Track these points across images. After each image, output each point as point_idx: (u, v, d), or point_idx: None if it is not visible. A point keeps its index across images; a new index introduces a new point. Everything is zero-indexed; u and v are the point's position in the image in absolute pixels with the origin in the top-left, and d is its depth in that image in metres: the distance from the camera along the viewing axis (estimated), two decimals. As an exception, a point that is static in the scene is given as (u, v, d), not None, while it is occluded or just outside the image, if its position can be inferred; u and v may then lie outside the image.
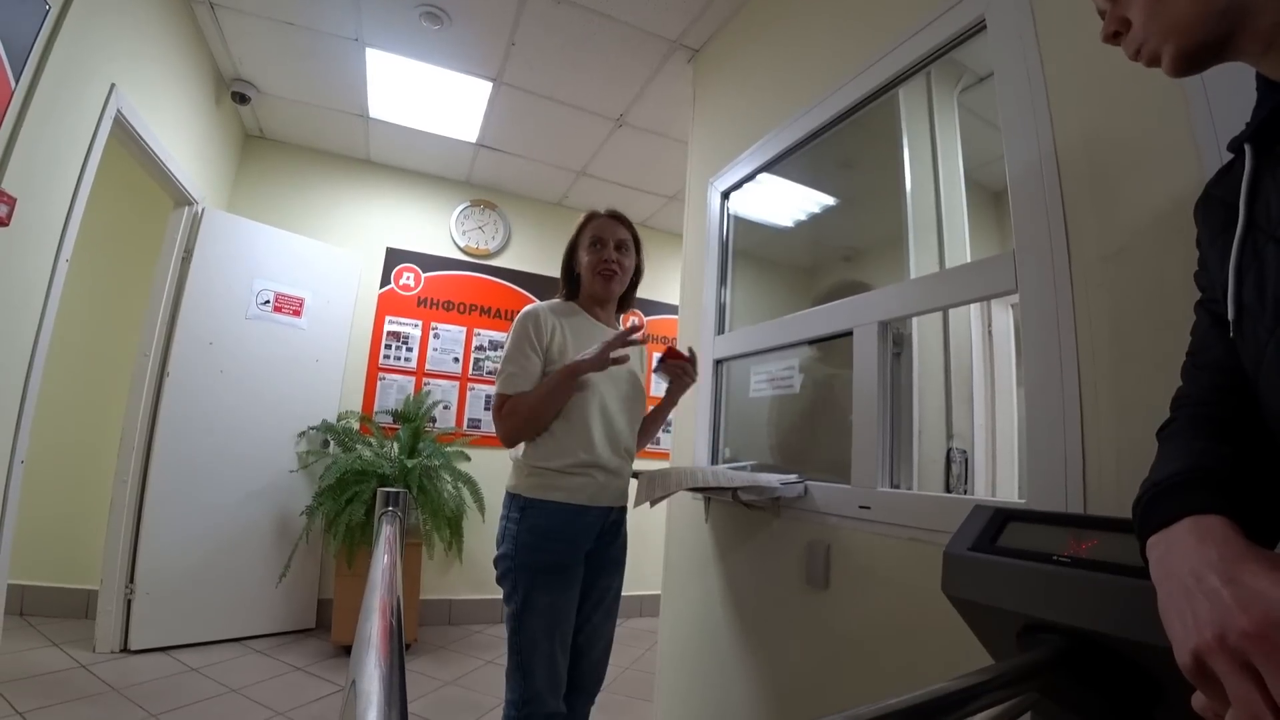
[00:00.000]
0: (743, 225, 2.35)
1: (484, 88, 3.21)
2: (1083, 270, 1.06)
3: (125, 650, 2.87)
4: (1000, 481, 2.11)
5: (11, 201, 1.75)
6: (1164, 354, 0.91)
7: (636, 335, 1.61)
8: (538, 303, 1.71)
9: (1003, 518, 0.76)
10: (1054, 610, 0.63)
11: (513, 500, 1.60)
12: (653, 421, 1.88)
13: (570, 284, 1.81)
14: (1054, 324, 1.08)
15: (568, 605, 1.55)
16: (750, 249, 2.37)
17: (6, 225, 1.75)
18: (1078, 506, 1.00)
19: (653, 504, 1.68)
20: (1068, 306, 1.07)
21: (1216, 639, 0.41)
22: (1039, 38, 1.20)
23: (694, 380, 1.78)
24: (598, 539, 1.63)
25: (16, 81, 1.70)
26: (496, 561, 1.58)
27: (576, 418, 1.61)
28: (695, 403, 2.27)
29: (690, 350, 1.76)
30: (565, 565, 1.55)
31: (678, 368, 1.74)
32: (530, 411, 1.57)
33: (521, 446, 1.65)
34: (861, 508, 1.45)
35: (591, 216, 1.79)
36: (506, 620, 1.56)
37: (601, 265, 1.71)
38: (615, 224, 1.77)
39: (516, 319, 1.66)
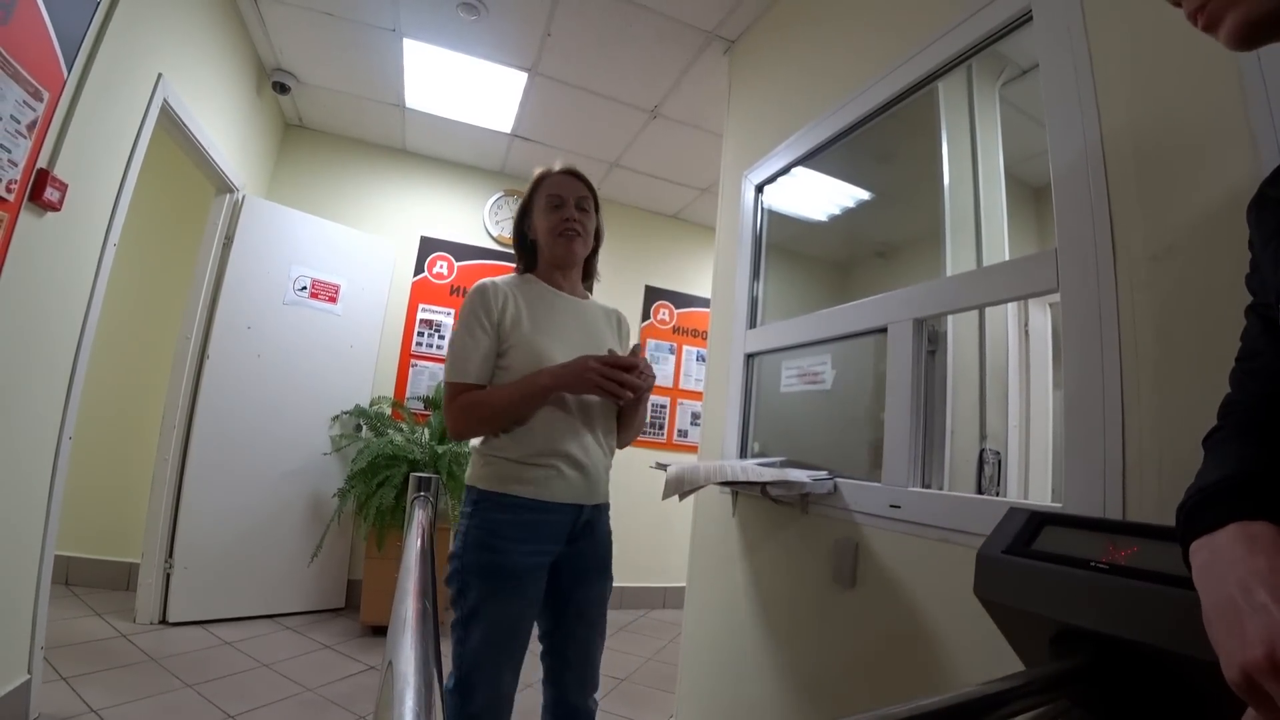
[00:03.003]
0: (776, 219, 2.32)
1: (519, 78, 3.23)
2: (1128, 270, 1.03)
3: (164, 622, 2.97)
4: (1033, 485, 2.07)
5: (63, 187, 1.81)
6: (1212, 359, 0.88)
7: (633, 381, 1.36)
8: (493, 279, 1.50)
9: (1039, 521, 0.75)
10: (1090, 617, 0.62)
11: (468, 493, 1.41)
12: (625, 417, 1.56)
13: (527, 254, 1.61)
14: (1096, 325, 1.05)
15: (521, 617, 1.33)
16: (783, 243, 2.34)
17: (59, 210, 1.81)
18: (1116, 513, 0.97)
19: (681, 498, 1.68)
20: (1111, 307, 1.04)
21: (1267, 657, 0.40)
22: (1088, 29, 1.16)
23: (639, 390, 1.42)
24: (568, 542, 1.41)
25: (69, 71, 1.75)
26: (448, 561, 1.37)
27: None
28: (726, 397, 2.27)
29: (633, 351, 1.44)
30: (520, 570, 1.32)
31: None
32: (489, 414, 1.37)
33: None
34: (892, 506, 1.43)
35: (545, 174, 1.57)
36: (451, 630, 1.33)
37: (562, 226, 1.50)
38: (573, 180, 1.56)
39: (465, 296, 1.47)
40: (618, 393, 1.36)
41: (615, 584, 1.55)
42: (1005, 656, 0.78)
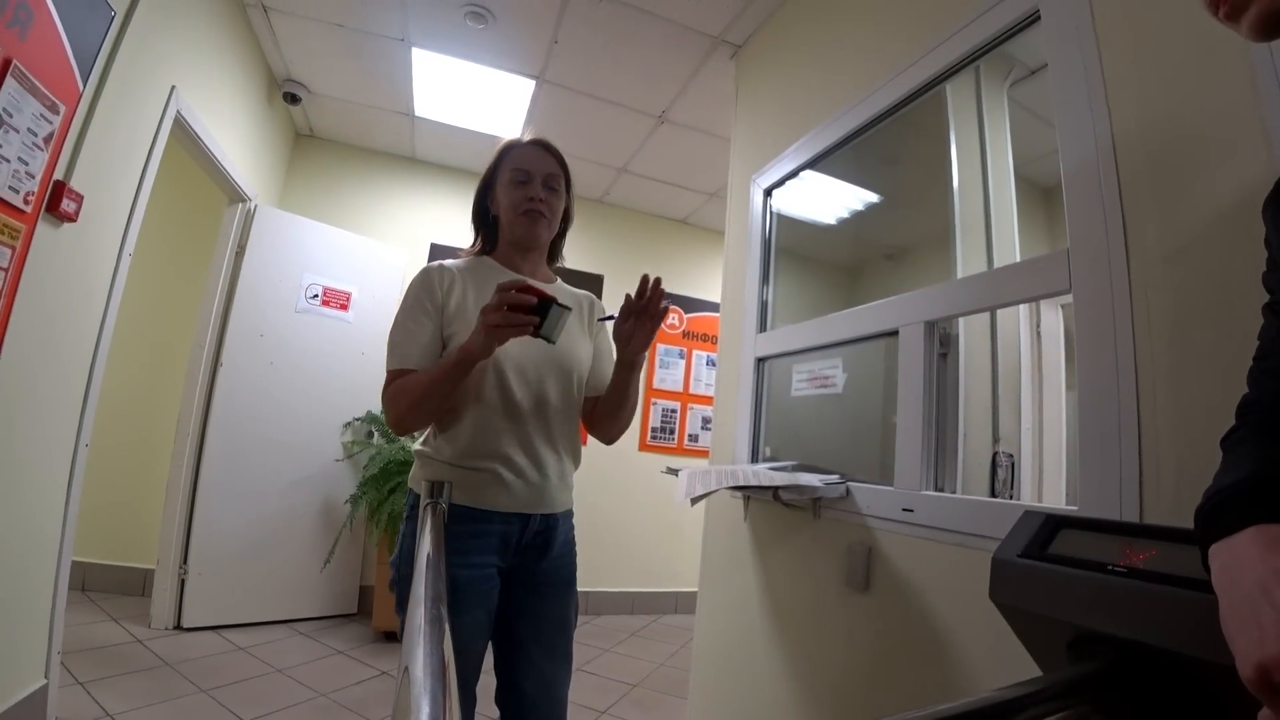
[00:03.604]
0: (785, 223, 2.32)
1: (527, 85, 3.24)
2: (1141, 269, 1.02)
3: (178, 628, 2.99)
4: (1048, 488, 2.05)
5: (79, 198, 1.83)
6: (1229, 358, 0.88)
7: (533, 297, 1.07)
8: (441, 261, 1.37)
9: (1054, 524, 0.74)
10: (1108, 621, 0.61)
11: (408, 496, 1.31)
12: (616, 394, 1.35)
13: (487, 231, 1.45)
14: (1110, 325, 1.05)
15: (465, 632, 1.18)
16: (793, 246, 2.34)
17: (75, 221, 1.84)
18: (1133, 516, 0.96)
19: (693, 503, 1.67)
20: (1125, 307, 1.03)
21: None
22: (1096, 28, 1.16)
23: (655, 322, 1.24)
24: (517, 554, 1.26)
25: (84, 84, 1.78)
26: (390, 565, 1.29)
27: (470, 394, 1.24)
28: (736, 401, 2.26)
29: (652, 284, 1.22)
30: (460, 584, 1.18)
31: (638, 310, 1.22)
32: (413, 399, 1.20)
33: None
34: (905, 510, 1.42)
35: (512, 144, 1.39)
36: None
37: (525, 205, 1.33)
38: (543, 154, 1.37)
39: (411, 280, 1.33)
40: (519, 321, 1.06)
41: (626, 589, 1.44)
42: (1022, 662, 0.78)
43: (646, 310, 1.22)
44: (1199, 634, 0.52)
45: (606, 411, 1.38)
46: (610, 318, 1.27)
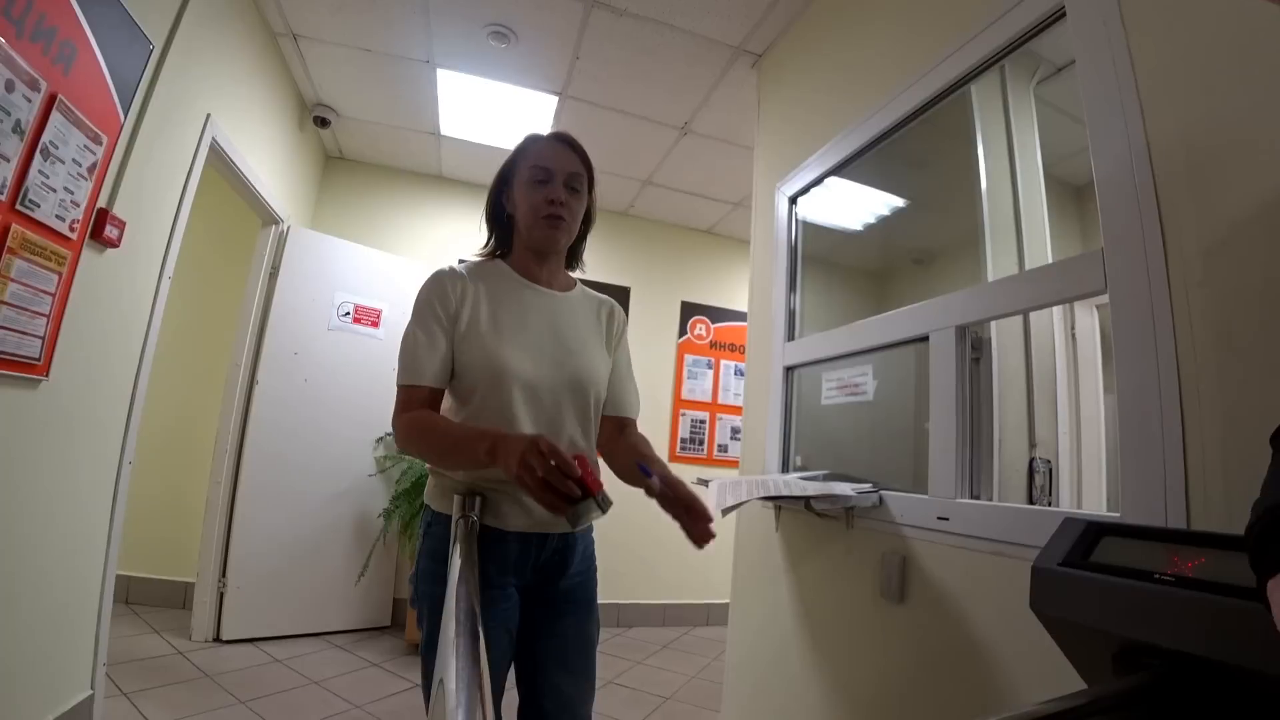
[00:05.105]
0: (811, 230, 2.31)
1: (550, 102, 3.28)
2: (1180, 267, 1.00)
3: (218, 640, 3.05)
4: (1087, 494, 2.00)
5: (122, 225, 1.90)
6: (1277, 353, 0.85)
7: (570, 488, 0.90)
8: (452, 264, 1.29)
9: (1096, 531, 0.72)
10: (1155, 632, 0.59)
11: (424, 512, 1.25)
12: (631, 477, 1.27)
13: (501, 232, 1.37)
14: (1149, 325, 1.02)
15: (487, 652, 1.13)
16: (819, 253, 2.32)
17: (117, 247, 1.90)
18: (1180, 522, 0.93)
19: (724, 514, 1.65)
20: (1164, 306, 1.00)
21: None
22: (1125, 22, 1.13)
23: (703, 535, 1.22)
24: (535, 572, 1.21)
25: (125, 115, 1.84)
26: (409, 581, 1.26)
27: (487, 415, 1.16)
28: (766, 411, 2.25)
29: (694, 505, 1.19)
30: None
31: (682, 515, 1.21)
32: (421, 450, 1.18)
33: None
34: (940, 519, 1.40)
35: (532, 140, 1.30)
36: (421, 657, 1.19)
37: (546, 208, 1.23)
38: (565, 151, 1.28)
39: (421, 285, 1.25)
40: (549, 503, 0.90)
41: (658, 601, 1.39)
42: (1066, 674, 0.76)
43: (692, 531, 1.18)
44: (1252, 645, 0.50)
45: (619, 470, 1.31)
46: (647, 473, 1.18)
